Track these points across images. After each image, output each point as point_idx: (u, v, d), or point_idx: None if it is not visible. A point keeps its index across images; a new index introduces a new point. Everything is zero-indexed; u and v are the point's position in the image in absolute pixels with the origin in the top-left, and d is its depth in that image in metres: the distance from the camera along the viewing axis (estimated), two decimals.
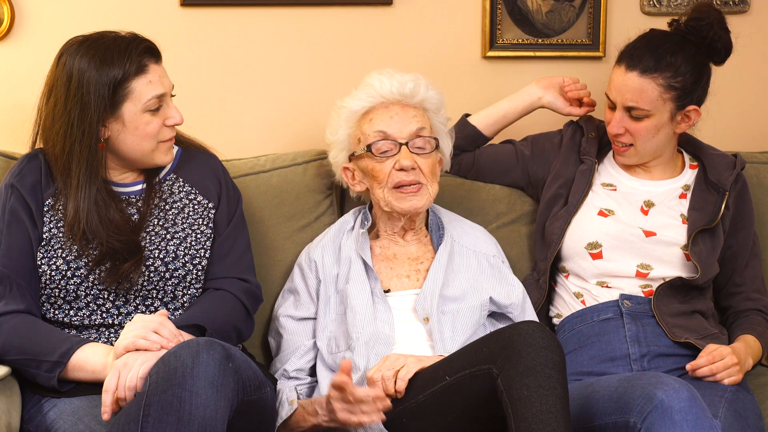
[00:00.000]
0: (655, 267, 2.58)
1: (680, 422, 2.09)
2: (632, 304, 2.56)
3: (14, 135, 2.84)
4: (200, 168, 2.53)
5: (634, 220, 2.62)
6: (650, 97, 2.53)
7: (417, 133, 2.51)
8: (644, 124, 2.57)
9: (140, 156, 2.40)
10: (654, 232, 2.59)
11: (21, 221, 2.36)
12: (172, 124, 2.40)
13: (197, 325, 2.28)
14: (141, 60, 2.34)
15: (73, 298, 2.33)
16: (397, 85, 2.52)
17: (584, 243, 2.61)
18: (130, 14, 2.80)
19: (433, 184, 2.53)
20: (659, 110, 2.55)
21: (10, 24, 2.83)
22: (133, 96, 2.33)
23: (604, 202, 2.66)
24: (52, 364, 2.21)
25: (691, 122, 2.60)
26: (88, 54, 2.33)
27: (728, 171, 2.65)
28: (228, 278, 2.42)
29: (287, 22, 2.95)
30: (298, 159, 2.81)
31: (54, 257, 2.34)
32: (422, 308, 2.48)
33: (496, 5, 2.98)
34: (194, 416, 1.98)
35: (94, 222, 2.32)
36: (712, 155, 2.70)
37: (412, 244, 2.61)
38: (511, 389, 2.08)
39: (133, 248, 2.34)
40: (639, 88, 2.53)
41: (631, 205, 2.65)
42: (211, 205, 2.48)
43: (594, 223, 2.62)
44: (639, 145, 2.61)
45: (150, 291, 2.36)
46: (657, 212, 2.63)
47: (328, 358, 2.48)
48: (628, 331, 2.53)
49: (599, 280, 2.61)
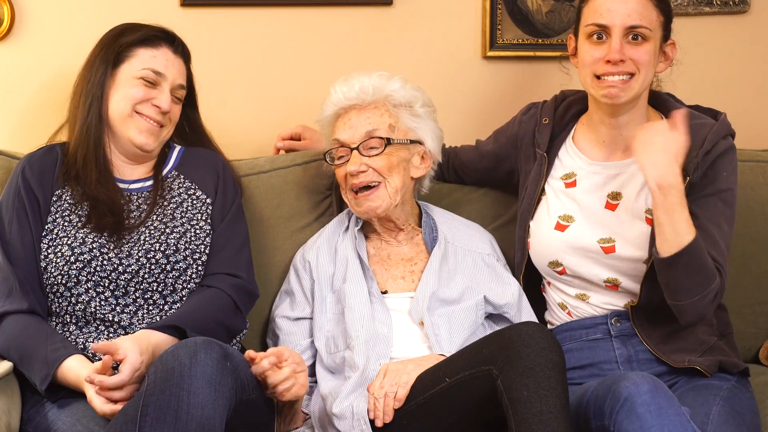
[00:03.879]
0: (622, 281, 2.43)
1: (644, 414, 2.05)
2: (621, 322, 2.44)
3: (14, 135, 2.85)
4: (201, 164, 2.56)
5: (593, 230, 2.43)
6: (651, 15, 2.35)
7: (369, 135, 2.51)
8: (646, 47, 2.35)
9: (118, 119, 2.45)
10: (613, 247, 2.41)
11: (26, 215, 2.39)
12: (157, 104, 2.45)
13: (176, 327, 2.27)
14: (154, 37, 2.48)
15: (74, 284, 2.35)
16: (346, 90, 2.54)
17: (546, 262, 2.49)
18: (130, 14, 2.79)
19: (391, 179, 2.51)
20: (655, 35, 2.37)
21: (10, 24, 2.83)
22: (133, 60, 2.46)
23: (561, 207, 2.49)
24: (43, 375, 2.22)
25: (669, 61, 2.42)
26: (117, 28, 2.51)
27: (696, 149, 2.36)
28: (219, 274, 2.43)
29: (287, 22, 2.95)
30: (298, 160, 2.81)
31: (59, 245, 2.36)
32: (416, 312, 2.48)
33: (496, 5, 2.98)
34: (192, 416, 1.98)
35: (89, 164, 2.42)
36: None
37: (404, 244, 2.60)
38: (511, 390, 2.08)
39: (114, 208, 2.40)
40: (641, 4, 2.34)
41: (593, 202, 2.45)
42: (209, 201, 2.50)
43: (551, 241, 2.47)
44: (643, 72, 2.36)
45: (151, 284, 2.37)
46: (623, 209, 2.42)
47: (327, 358, 2.48)
48: (620, 357, 2.44)
49: (577, 292, 2.49)
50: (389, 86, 2.54)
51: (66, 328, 2.36)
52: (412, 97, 2.56)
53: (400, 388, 2.28)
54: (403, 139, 2.54)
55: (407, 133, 2.56)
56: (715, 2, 2.99)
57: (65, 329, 2.36)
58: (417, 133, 2.58)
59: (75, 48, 2.80)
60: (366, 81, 2.54)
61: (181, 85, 2.50)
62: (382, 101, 2.55)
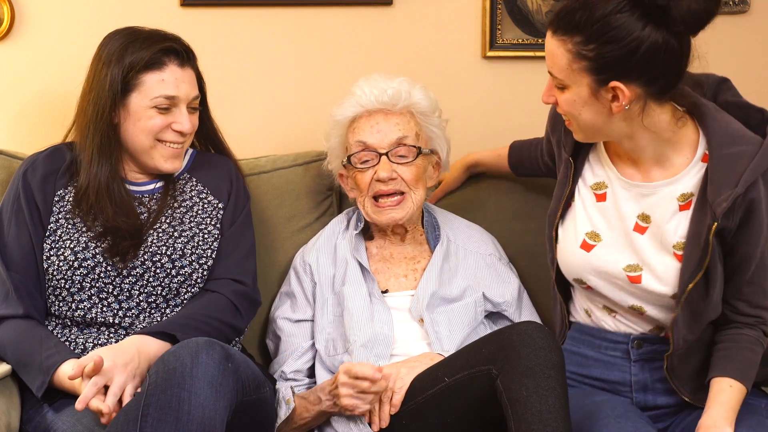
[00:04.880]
0: (647, 309, 2.27)
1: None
2: (644, 346, 2.30)
3: (15, 134, 2.85)
4: (214, 169, 2.54)
5: (620, 254, 2.25)
6: (560, 64, 2.11)
7: (399, 142, 2.50)
8: (565, 95, 2.14)
9: (140, 151, 2.41)
10: (639, 278, 2.23)
11: (24, 219, 2.37)
12: (178, 129, 2.40)
13: (168, 334, 2.25)
14: (159, 56, 2.38)
15: (77, 290, 2.34)
16: (377, 93, 2.51)
17: (571, 277, 2.34)
18: (130, 14, 2.80)
19: (417, 191, 2.51)
20: (574, 82, 2.11)
21: (10, 24, 2.83)
22: (142, 89, 2.37)
23: (589, 223, 2.30)
24: (39, 383, 2.22)
25: (620, 103, 2.09)
26: (120, 39, 2.39)
27: (729, 189, 2.12)
28: (222, 279, 2.41)
29: (287, 22, 2.95)
30: (299, 160, 2.81)
31: (62, 248, 2.35)
32: (416, 310, 2.48)
33: (496, 5, 2.97)
34: (193, 416, 1.98)
35: (103, 200, 2.35)
36: (720, 157, 2.14)
37: (408, 244, 2.60)
38: (511, 390, 2.08)
39: (135, 232, 2.36)
40: (551, 51, 2.13)
41: (622, 222, 2.26)
42: (221, 205, 2.49)
43: (576, 259, 2.30)
44: (572, 120, 2.19)
45: (155, 287, 2.36)
46: (651, 235, 2.23)
47: (327, 360, 2.48)
48: (635, 384, 2.32)
49: (604, 304, 2.33)
50: (415, 94, 2.53)
51: (67, 330, 2.36)
52: (432, 107, 2.57)
53: (395, 393, 2.29)
54: (427, 149, 2.54)
55: (428, 143, 2.56)
56: None
57: (65, 330, 2.36)
58: (434, 143, 2.58)
59: (75, 48, 2.82)
60: (395, 86, 2.52)
61: (195, 96, 2.45)
62: (408, 108, 2.54)
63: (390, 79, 2.55)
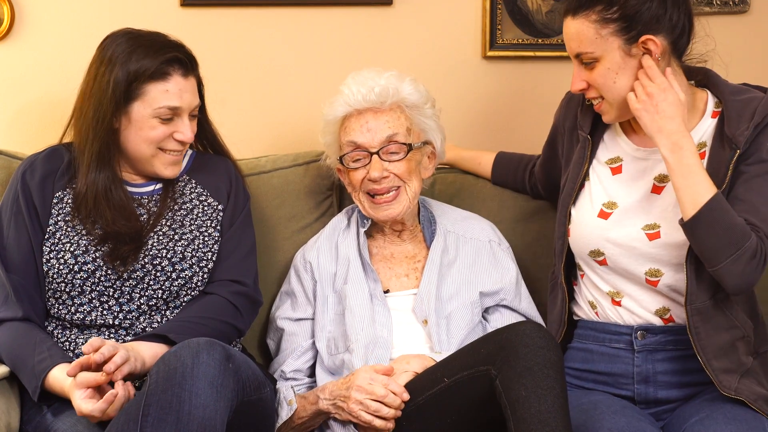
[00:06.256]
0: (665, 272, 2.32)
1: None
2: (647, 335, 2.35)
3: (14, 135, 2.85)
4: (213, 170, 2.53)
5: (637, 217, 2.34)
6: (588, 37, 2.27)
7: (389, 140, 2.49)
8: (598, 69, 2.29)
9: (141, 158, 2.40)
10: (658, 233, 2.31)
11: (23, 220, 2.37)
12: (180, 139, 2.40)
13: (164, 337, 2.24)
14: (164, 67, 2.35)
15: (78, 293, 2.34)
16: (365, 92, 2.50)
17: (587, 250, 2.39)
18: (130, 14, 2.81)
19: (411, 183, 2.51)
20: (605, 49, 2.28)
21: (10, 24, 2.83)
22: (145, 98, 2.35)
23: (606, 193, 2.40)
24: (33, 388, 2.22)
25: (654, 55, 2.27)
26: (124, 44, 2.36)
27: (747, 121, 2.29)
28: (222, 281, 2.41)
29: (287, 22, 2.95)
30: (299, 160, 2.81)
31: (62, 251, 2.34)
32: (420, 310, 2.48)
33: (496, 5, 2.98)
34: (193, 416, 1.98)
35: (101, 205, 2.34)
36: (733, 101, 2.33)
37: (408, 242, 2.60)
38: (510, 390, 2.08)
39: (135, 235, 2.35)
40: (575, 31, 2.29)
41: (639, 186, 2.37)
42: (221, 207, 2.48)
43: (593, 229, 2.38)
44: (607, 95, 2.32)
45: (156, 291, 2.36)
46: (669, 191, 2.32)
47: (328, 359, 2.48)
48: (637, 375, 2.36)
49: (611, 289, 2.39)
50: (404, 88, 2.52)
51: (67, 331, 2.36)
52: (423, 98, 2.56)
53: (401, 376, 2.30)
54: (418, 142, 2.54)
55: (420, 135, 2.56)
56: (715, 2, 2.99)
57: (66, 332, 2.36)
58: (428, 134, 2.58)
59: (75, 48, 2.82)
60: (383, 83, 2.51)
61: (197, 105, 2.44)
62: (397, 104, 2.53)
63: (378, 74, 2.53)
